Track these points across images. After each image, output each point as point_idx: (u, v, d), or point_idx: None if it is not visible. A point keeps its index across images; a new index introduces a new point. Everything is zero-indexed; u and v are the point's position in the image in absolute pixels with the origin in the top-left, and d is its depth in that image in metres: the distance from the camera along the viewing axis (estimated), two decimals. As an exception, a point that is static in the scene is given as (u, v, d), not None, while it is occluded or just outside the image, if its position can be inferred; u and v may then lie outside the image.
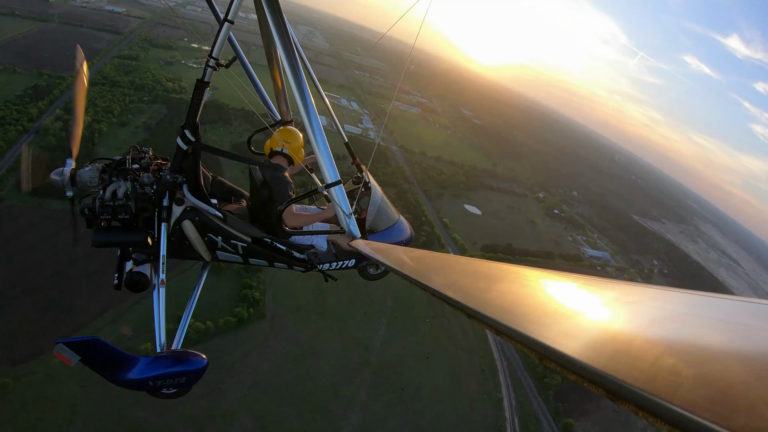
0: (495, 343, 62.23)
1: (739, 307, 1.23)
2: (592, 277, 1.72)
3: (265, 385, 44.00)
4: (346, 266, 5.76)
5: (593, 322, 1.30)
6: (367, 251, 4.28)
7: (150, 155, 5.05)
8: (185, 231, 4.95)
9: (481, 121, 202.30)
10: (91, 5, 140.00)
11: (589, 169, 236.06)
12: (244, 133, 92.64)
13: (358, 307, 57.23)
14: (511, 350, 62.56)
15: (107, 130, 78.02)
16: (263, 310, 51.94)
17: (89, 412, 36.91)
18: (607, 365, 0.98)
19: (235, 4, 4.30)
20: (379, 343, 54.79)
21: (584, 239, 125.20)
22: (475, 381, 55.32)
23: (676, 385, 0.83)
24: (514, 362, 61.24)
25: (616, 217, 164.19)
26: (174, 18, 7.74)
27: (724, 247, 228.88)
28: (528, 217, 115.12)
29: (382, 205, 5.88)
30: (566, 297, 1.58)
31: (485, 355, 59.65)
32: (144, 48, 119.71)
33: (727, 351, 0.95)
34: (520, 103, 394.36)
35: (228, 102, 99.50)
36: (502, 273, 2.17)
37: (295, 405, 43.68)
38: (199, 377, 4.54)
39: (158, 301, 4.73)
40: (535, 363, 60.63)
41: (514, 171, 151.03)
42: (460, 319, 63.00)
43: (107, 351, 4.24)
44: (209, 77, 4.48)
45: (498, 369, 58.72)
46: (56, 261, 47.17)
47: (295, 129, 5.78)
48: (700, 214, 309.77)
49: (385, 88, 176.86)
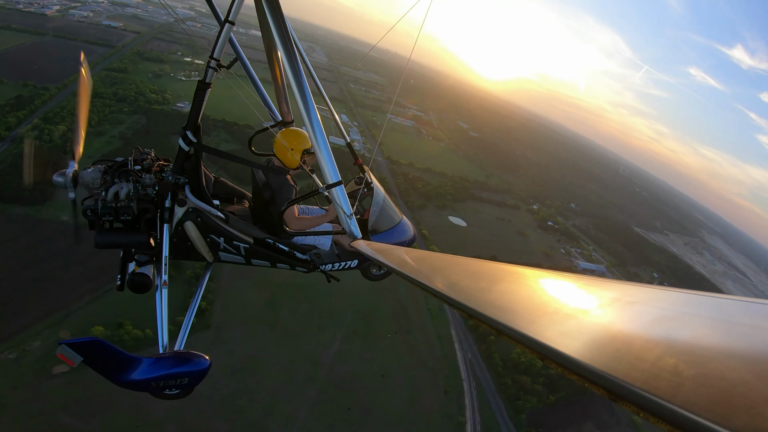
0: (464, 362, 56.96)
1: (739, 307, 1.19)
2: (592, 277, 1.69)
3: (198, 398, 40.07)
4: (349, 267, 5.66)
5: (594, 323, 1.26)
6: (368, 252, 3.99)
7: (152, 156, 4.98)
8: (187, 232, 4.87)
9: (479, 134, 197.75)
10: (88, 20, 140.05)
11: (591, 181, 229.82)
12: (222, 143, 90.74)
13: (313, 321, 52.85)
14: (482, 370, 57.19)
15: (82, 139, 78.02)
16: (208, 321, 49.11)
17: (15, 414, 35.74)
18: (608, 365, 0.96)
19: (235, 5, 4.11)
20: (331, 359, 50.16)
21: (578, 251, 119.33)
22: (436, 402, 50.05)
23: (676, 385, 0.82)
24: (484, 383, 55.76)
25: (616, 229, 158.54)
26: (179, 23, 8.23)
27: (732, 259, 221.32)
28: (518, 229, 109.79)
29: (384, 205, 5.72)
30: (567, 297, 1.54)
31: (451, 375, 54.31)
32: (134, 61, 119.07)
33: (727, 351, 0.93)
34: (522, 117, 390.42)
35: (210, 113, 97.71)
36: (503, 273, 2.12)
37: (228, 420, 40.92)
38: (201, 378, 4.44)
39: (160, 302, 4.69)
40: (507, 384, 55.34)
41: (508, 183, 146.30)
42: (427, 334, 58.10)
43: (109, 352, 4.17)
44: (210, 78, 4.32)
45: (464, 390, 53.27)
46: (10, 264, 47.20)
47: (301, 130, 5.39)
48: (706, 226, 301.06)
49: (379, 101, 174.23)
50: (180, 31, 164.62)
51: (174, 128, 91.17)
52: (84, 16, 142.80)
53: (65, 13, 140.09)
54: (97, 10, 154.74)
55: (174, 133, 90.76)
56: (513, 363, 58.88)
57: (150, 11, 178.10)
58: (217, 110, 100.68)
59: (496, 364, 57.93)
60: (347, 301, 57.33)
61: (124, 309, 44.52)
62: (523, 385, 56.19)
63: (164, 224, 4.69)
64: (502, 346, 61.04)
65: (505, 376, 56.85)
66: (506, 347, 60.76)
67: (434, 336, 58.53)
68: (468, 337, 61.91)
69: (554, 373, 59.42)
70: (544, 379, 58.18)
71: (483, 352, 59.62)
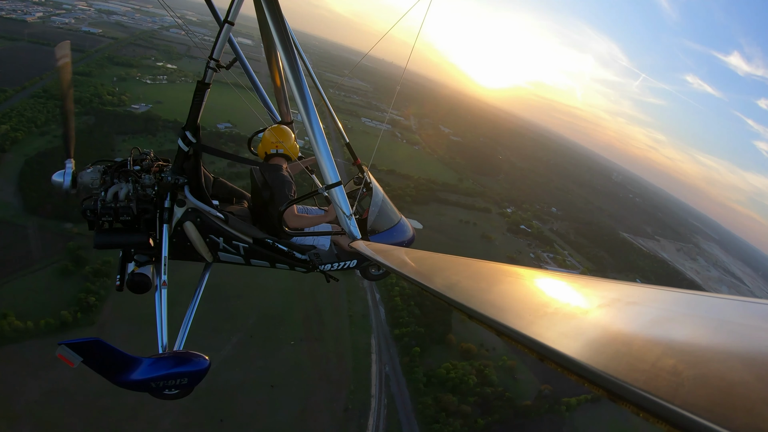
0: (378, 377, 49.51)
1: (739, 307, 1.16)
2: (592, 277, 1.67)
3: (62, 394, 37.80)
4: (348, 267, 5.50)
5: (594, 323, 1.23)
6: (368, 252, 3.91)
7: (151, 156, 4.88)
8: (187, 232, 4.73)
9: (461, 138, 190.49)
10: (68, 26, 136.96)
11: (580, 187, 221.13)
12: (166, 143, 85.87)
13: (209, 322, 46.10)
14: (401, 386, 49.68)
15: (23, 138, 75.46)
16: (94, 317, 45.40)
17: None
18: (608, 366, 0.94)
19: (235, 6, 4.01)
20: (217, 364, 43.27)
21: (550, 256, 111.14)
22: (330, 421, 42.88)
23: (676, 385, 0.80)
24: (399, 401, 48.16)
25: (600, 234, 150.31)
26: (174, 18, 5.29)
27: (728, 265, 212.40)
28: (483, 232, 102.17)
29: (383, 205, 5.59)
30: (567, 298, 1.51)
31: (359, 390, 46.95)
32: (102, 65, 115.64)
33: (727, 351, 0.90)
34: (516, 125, 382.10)
35: (162, 114, 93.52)
36: (503, 274, 2.09)
37: (88, 421, 36.92)
38: (201, 378, 4.35)
39: (160, 302, 4.61)
40: (427, 404, 47.75)
41: (484, 186, 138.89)
42: (340, 344, 51.11)
43: (109, 352, 4.06)
44: (210, 78, 4.16)
45: (371, 408, 45.80)
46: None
47: (285, 127, 5.43)
48: (703, 232, 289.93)
49: (358, 106, 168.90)
50: (160, 38, 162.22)
51: (120, 129, 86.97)
52: (65, 22, 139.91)
53: (47, 20, 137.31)
54: (81, 17, 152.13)
55: (119, 133, 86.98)
56: (440, 379, 51.36)
57: (136, 19, 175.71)
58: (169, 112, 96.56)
59: (418, 380, 50.20)
60: (255, 303, 50.89)
61: (10, 300, 42.92)
62: (447, 406, 48.25)
63: (163, 224, 4.55)
64: (430, 359, 53.65)
65: (427, 394, 49.13)
66: (435, 361, 53.40)
67: (349, 346, 51.29)
68: (392, 348, 54.47)
69: (490, 393, 51.72)
70: (477, 398, 50.47)
71: (405, 365, 51.96)
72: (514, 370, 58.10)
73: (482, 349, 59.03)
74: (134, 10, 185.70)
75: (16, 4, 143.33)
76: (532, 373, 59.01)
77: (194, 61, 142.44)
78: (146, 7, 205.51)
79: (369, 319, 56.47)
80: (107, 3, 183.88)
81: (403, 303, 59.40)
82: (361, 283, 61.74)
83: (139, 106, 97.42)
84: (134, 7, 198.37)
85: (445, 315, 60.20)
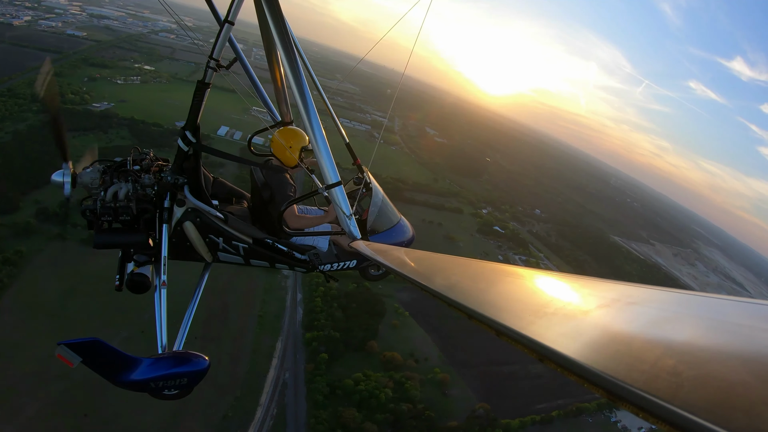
0: (273, 384, 44.03)
1: (739, 308, 1.15)
2: (592, 278, 1.65)
3: None
4: (348, 267, 5.32)
5: (593, 323, 1.21)
6: (368, 252, 3.86)
7: (151, 156, 4.71)
8: (186, 232, 4.57)
9: (447, 140, 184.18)
10: (53, 29, 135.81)
11: (572, 190, 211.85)
12: (116, 139, 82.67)
13: (103, 315, 42.41)
14: (299, 396, 44.08)
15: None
16: None
17: None
18: (608, 366, 0.92)
19: (235, 6, 3.90)
20: None
21: (523, 259, 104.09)
22: (203, 428, 37.72)
23: (676, 386, 0.79)
24: (291, 413, 42.52)
25: (586, 237, 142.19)
26: (174, 19, 4.46)
27: (730, 271, 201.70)
28: (447, 233, 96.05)
29: (383, 205, 5.40)
30: (567, 298, 1.50)
31: (245, 398, 41.53)
32: (76, 66, 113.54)
33: (727, 352, 0.89)
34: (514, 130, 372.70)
35: (120, 112, 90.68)
36: (503, 274, 2.06)
37: None
38: (201, 378, 4.15)
39: (159, 302, 4.39)
40: (323, 418, 41.96)
41: (461, 187, 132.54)
42: (239, 346, 46.01)
43: (108, 352, 3.95)
44: (210, 78, 4.04)
45: (254, 418, 40.37)
46: None
47: (299, 129, 5.14)
48: (704, 237, 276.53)
49: (340, 107, 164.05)
50: (146, 41, 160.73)
51: (74, 126, 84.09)
52: (51, 26, 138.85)
53: (34, 24, 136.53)
54: (70, 21, 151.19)
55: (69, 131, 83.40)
56: (346, 391, 45.17)
57: (128, 23, 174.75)
58: (133, 110, 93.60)
59: (319, 390, 44.18)
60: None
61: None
62: (348, 422, 41.85)
63: (163, 224, 4.42)
64: (342, 368, 47.77)
65: (327, 407, 43.07)
66: (346, 370, 47.59)
67: (249, 348, 46.02)
68: (300, 353, 48.89)
69: (406, 410, 45.42)
70: (388, 416, 44.07)
71: (309, 373, 46.27)
72: (447, 384, 51.51)
73: (410, 360, 52.65)
74: (128, 15, 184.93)
75: (7, 8, 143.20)
76: (470, 389, 52.32)
77: (175, 63, 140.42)
78: (142, 12, 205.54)
79: (282, 320, 51.18)
80: (102, 8, 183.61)
81: (323, 304, 53.74)
82: (283, 282, 56.65)
83: (100, 105, 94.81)
84: (129, 12, 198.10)
85: (370, 320, 54.41)
